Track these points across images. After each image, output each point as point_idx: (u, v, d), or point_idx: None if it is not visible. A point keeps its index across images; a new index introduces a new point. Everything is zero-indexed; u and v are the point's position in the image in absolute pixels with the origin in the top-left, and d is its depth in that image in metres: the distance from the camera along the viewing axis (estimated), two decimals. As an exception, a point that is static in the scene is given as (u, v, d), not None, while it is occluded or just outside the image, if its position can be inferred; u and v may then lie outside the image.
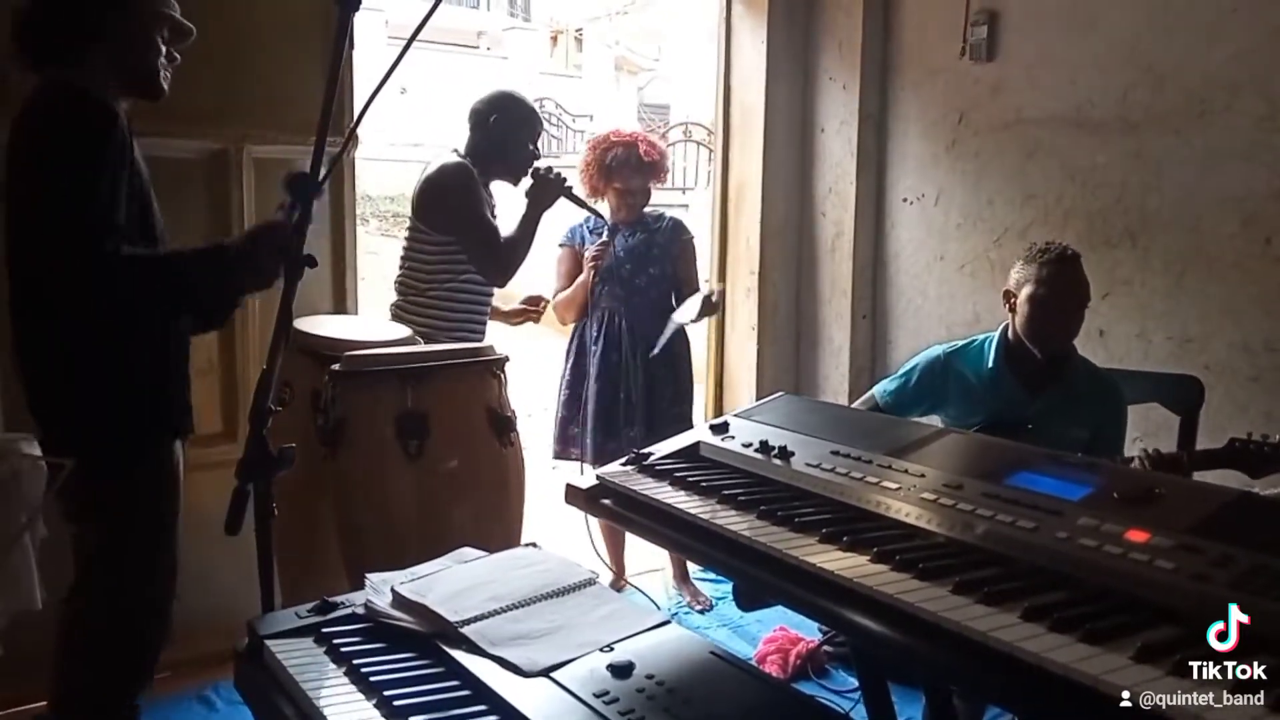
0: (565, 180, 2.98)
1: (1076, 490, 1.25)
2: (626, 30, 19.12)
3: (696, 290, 3.41)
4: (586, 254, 3.35)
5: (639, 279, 3.35)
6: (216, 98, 2.78)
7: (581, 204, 3.15)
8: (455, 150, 2.99)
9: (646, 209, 3.45)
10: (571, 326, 3.48)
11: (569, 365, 3.46)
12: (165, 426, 2.04)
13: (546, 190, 2.93)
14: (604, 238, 3.35)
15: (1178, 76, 3.01)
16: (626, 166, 3.32)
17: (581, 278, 3.37)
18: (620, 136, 3.41)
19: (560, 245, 3.48)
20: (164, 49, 2.00)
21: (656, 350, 3.29)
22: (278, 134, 2.84)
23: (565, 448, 3.43)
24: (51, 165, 1.80)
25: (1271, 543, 1.07)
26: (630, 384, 3.34)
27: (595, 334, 3.38)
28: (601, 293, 3.35)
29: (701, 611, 3.42)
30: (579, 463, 3.36)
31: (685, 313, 3.26)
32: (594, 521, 3.23)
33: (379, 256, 7.93)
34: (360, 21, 2.01)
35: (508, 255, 2.90)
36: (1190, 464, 2.26)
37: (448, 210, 2.90)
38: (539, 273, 3.39)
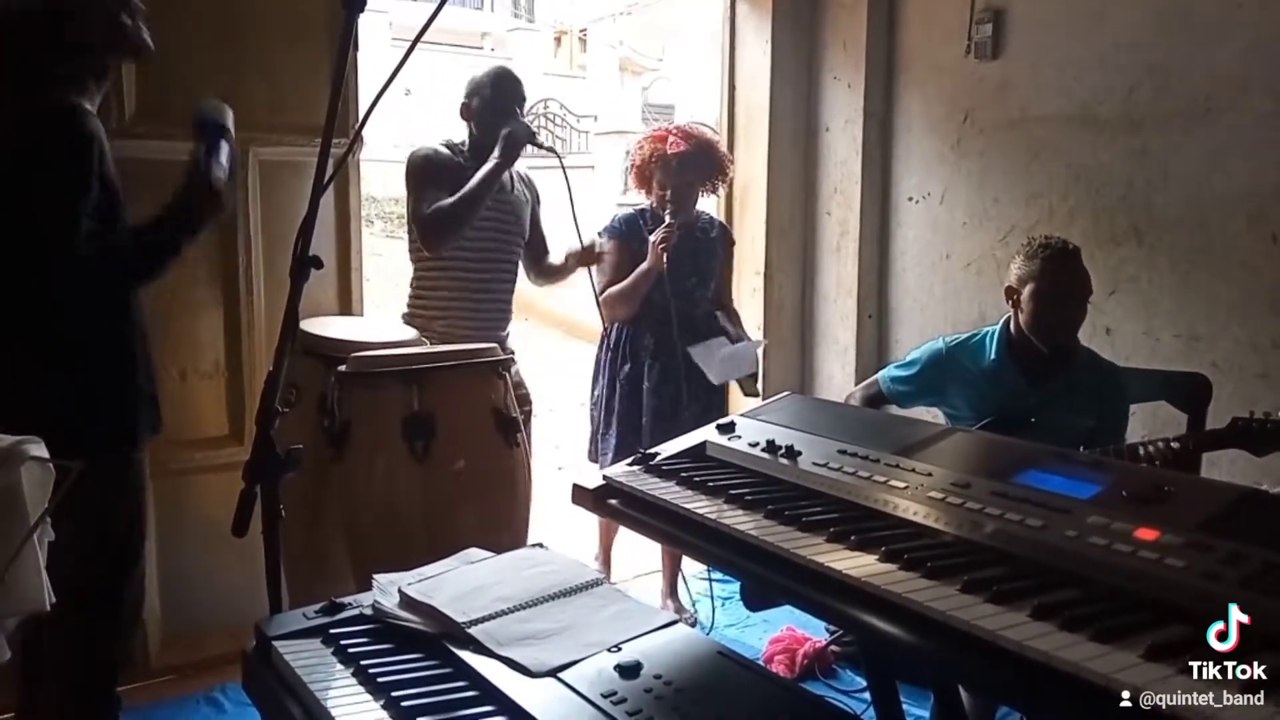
0: (531, 131, 2.84)
1: (1085, 488, 1.25)
2: (630, 30, 19.11)
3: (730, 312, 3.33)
4: (654, 237, 3.10)
5: (687, 283, 3.18)
6: (223, 98, 2.78)
7: (547, 147, 2.99)
8: (445, 141, 2.94)
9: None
10: (611, 329, 3.26)
11: (623, 374, 3.19)
12: (132, 423, 2.03)
13: (514, 142, 2.77)
14: (668, 221, 3.13)
15: (1183, 74, 3.01)
16: (688, 163, 3.15)
17: (646, 264, 3.10)
18: (683, 130, 3.24)
19: (609, 237, 3.21)
20: (130, 17, 1.99)
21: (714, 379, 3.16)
22: (282, 136, 2.85)
23: None
24: (40, 195, 1.84)
25: (1281, 540, 1.06)
26: (690, 404, 3.16)
27: (649, 346, 3.18)
28: (657, 301, 3.15)
29: (693, 624, 3.37)
30: None
31: (739, 365, 3.18)
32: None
33: (384, 258, 7.95)
34: (364, 23, 2.01)
35: (435, 218, 2.74)
36: (1195, 448, 2.26)
37: (407, 198, 2.88)
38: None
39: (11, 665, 2.09)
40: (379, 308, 3.49)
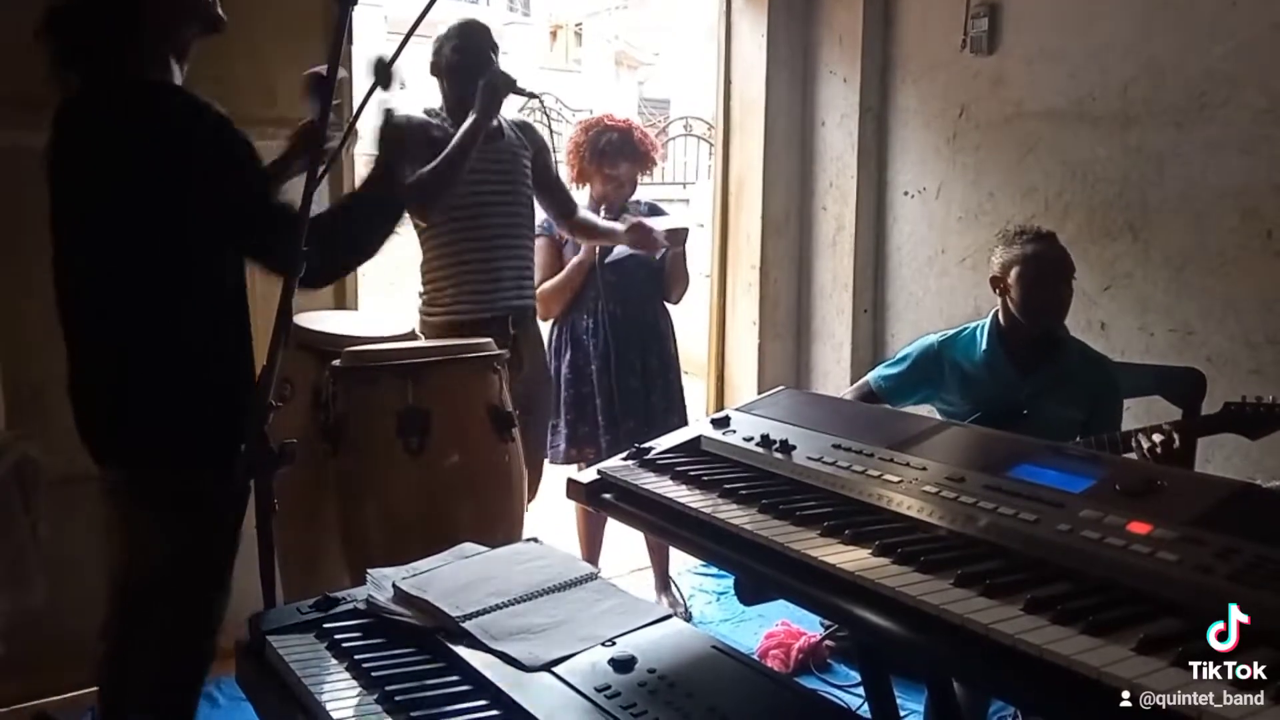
0: (510, 77, 2.67)
1: (1079, 482, 1.25)
2: (626, 25, 19.11)
3: (684, 278, 3.32)
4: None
5: (627, 265, 3.21)
6: (215, 93, 2.76)
7: (528, 93, 2.79)
8: (425, 110, 2.80)
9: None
10: (551, 331, 3.29)
11: (565, 362, 3.25)
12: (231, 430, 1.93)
13: (492, 91, 2.62)
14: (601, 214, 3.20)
15: (1178, 70, 3.01)
16: (620, 153, 3.21)
17: (578, 258, 3.18)
18: (614, 122, 3.29)
19: (537, 235, 3.16)
20: None
21: (612, 254, 3.15)
22: (277, 129, 2.82)
23: (581, 450, 3.20)
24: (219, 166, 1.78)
25: (1274, 535, 1.07)
26: (630, 376, 3.21)
27: (589, 326, 3.21)
28: (589, 283, 3.20)
29: (687, 619, 3.36)
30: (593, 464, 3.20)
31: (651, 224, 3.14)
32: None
33: (379, 253, 7.94)
34: (359, 16, 2.01)
35: (416, 186, 2.57)
36: (1189, 433, 2.28)
37: None
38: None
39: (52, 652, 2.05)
40: (374, 301, 3.47)
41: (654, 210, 3.39)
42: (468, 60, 2.72)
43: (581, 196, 3.36)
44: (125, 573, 2.01)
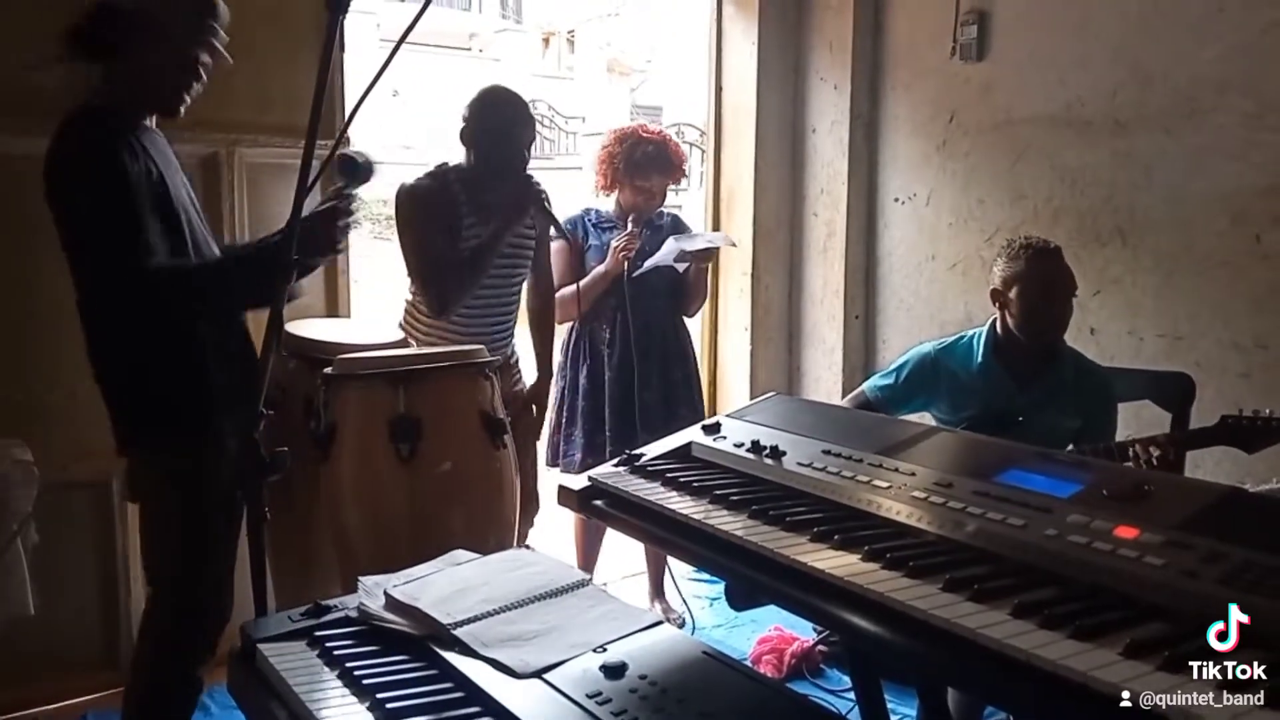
0: (541, 195, 2.67)
1: (1066, 487, 1.26)
2: (618, 32, 19.15)
3: (703, 292, 3.36)
4: (614, 243, 3.15)
5: (649, 277, 3.20)
6: (207, 101, 2.76)
7: (553, 219, 2.78)
8: (443, 164, 2.76)
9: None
10: (567, 328, 3.29)
11: (583, 373, 3.23)
12: (201, 419, 2.02)
13: (520, 208, 2.63)
14: (630, 229, 3.17)
15: (1166, 76, 3.03)
16: (654, 165, 3.19)
17: (602, 268, 3.15)
18: (650, 133, 3.29)
19: (555, 239, 3.07)
20: (198, 71, 2.02)
21: (642, 268, 3.14)
22: (269, 137, 2.84)
23: (597, 459, 3.07)
24: (81, 202, 1.86)
25: (1260, 539, 1.07)
26: (645, 389, 3.19)
27: (607, 337, 3.21)
28: (612, 292, 3.18)
29: (680, 626, 3.37)
30: None
31: (687, 243, 3.17)
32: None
33: (371, 260, 7.93)
34: (352, 24, 2.01)
35: (441, 283, 2.61)
36: (1184, 445, 2.28)
37: (397, 234, 2.74)
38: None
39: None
40: (365, 310, 3.47)
41: (677, 224, 3.38)
42: (496, 139, 2.67)
43: (607, 202, 3.36)
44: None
